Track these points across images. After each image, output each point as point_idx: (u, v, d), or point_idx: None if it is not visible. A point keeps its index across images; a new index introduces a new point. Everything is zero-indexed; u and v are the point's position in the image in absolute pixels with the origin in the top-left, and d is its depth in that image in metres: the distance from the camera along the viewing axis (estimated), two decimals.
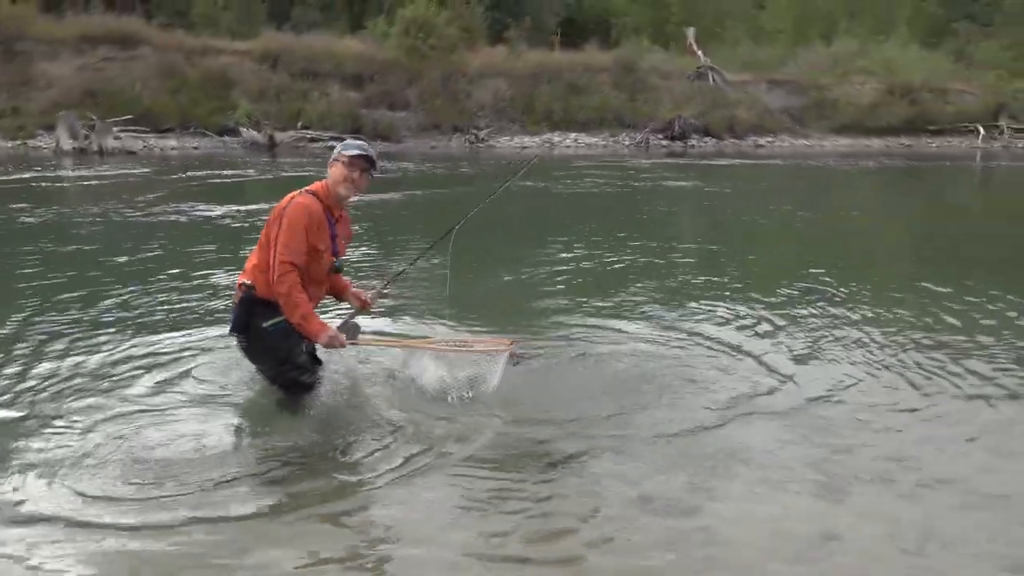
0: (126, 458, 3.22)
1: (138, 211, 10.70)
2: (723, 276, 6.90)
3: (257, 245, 3.72)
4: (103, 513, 2.80)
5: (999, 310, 5.64)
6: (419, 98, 27.13)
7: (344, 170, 3.64)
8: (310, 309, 3.57)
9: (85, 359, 4.39)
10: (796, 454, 3.32)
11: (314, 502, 2.92)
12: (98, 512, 2.81)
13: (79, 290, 6.10)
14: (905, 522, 2.81)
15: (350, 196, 3.75)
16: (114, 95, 23.93)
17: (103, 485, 3.00)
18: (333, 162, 3.69)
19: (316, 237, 3.59)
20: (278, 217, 3.58)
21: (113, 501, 2.89)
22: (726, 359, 4.52)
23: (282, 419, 3.64)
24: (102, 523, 2.74)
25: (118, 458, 3.22)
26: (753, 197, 14.04)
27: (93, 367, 4.28)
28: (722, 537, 2.70)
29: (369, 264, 7.22)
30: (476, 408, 3.73)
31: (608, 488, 3.02)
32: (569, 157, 23.17)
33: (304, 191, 3.67)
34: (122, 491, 2.96)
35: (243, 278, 3.68)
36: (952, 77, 31.36)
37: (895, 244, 9.66)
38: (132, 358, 4.42)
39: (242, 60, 26.59)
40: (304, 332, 3.59)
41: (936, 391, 4.04)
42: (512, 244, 8.76)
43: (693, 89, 29.95)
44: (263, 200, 11.76)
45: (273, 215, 3.63)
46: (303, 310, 3.50)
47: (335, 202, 3.73)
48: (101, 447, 3.31)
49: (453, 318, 5.20)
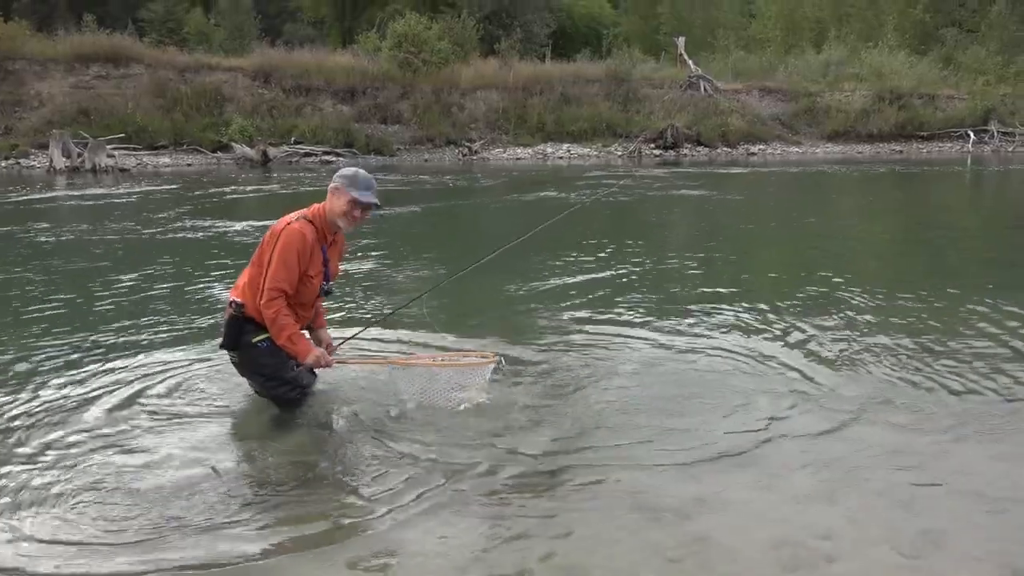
0: (118, 494, 3.05)
1: (135, 229, 10.70)
2: (729, 283, 6.92)
3: (249, 263, 3.74)
4: (102, 562, 2.64)
5: (994, 311, 5.67)
6: (412, 111, 27.21)
7: (347, 206, 3.68)
8: (296, 331, 3.64)
9: (75, 380, 4.38)
10: (793, 458, 3.34)
11: (317, 536, 2.79)
12: (96, 561, 2.65)
13: (73, 309, 6.09)
14: (903, 526, 2.82)
15: (347, 230, 3.81)
16: (107, 113, 23.97)
17: (98, 526, 2.83)
18: (336, 191, 3.68)
19: (308, 263, 3.65)
20: (272, 241, 3.61)
21: (111, 547, 2.72)
22: (729, 364, 4.54)
23: (274, 444, 3.59)
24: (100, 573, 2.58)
25: (108, 494, 3.05)
26: (752, 204, 14.09)
27: (78, 390, 4.23)
28: (720, 544, 2.71)
29: (367, 289, 7.21)
30: (474, 423, 3.73)
31: (609, 498, 3.03)
32: (563, 168, 23.23)
33: (300, 216, 3.69)
34: (118, 535, 2.78)
35: (234, 295, 3.72)
36: (941, 83, 31.61)
37: (892, 247, 9.71)
38: (120, 378, 4.41)
39: (235, 76, 26.65)
40: (290, 353, 3.65)
41: (933, 392, 4.06)
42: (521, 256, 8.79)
43: (685, 98, 30.10)
44: (256, 217, 11.78)
45: (267, 237, 3.67)
46: (289, 332, 3.58)
47: (331, 229, 3.76)
48: (89, 482, 3.12)
49: (448, 329, 5.20)
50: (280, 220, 3.72)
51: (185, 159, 23.84)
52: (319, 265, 3.73)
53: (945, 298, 6.21)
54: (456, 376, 3.88)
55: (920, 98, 30.52)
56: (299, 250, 3.59)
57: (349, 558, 2.66)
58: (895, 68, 30.93)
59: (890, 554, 2.66)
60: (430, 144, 26.92)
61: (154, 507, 2.96)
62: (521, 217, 12.30)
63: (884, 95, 29.95)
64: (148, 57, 25.95)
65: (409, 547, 2.73)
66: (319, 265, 3.73)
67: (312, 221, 3.69)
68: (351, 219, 3.74)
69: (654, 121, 28.68)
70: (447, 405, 3.83)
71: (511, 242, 4.45)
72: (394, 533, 2.82)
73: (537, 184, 17.13)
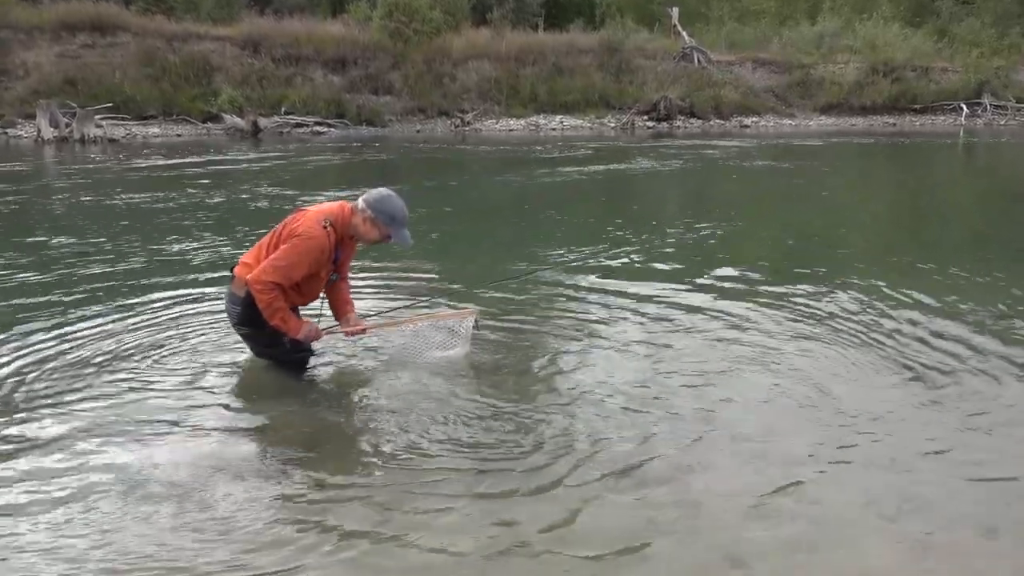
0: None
1: (127, 199, 10.65)
2: (715, 251, 6.97)
3: (262, 249, 3.77)
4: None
5: (982, 284, 5.75)
6: (403, 82, 26.96)
7: (379, 237, 3.78)
8: (287, 311, 3.74)
9: (70, 357, 4.41)
10: (776, 425, 3.41)
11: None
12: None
13: (70, 286, 6.10)
14: (883, 490, 2.90)
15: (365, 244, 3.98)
16: (94, 83, 23.65)
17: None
18: (373, 223, 3.71)
19: (319, 266, 3.75)
20: (290, 235, 3.68)
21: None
22: (712, 331, 4.60)
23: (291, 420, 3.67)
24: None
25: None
26: (754, 175, 14.10)
27: (77, 369, 4.28)
28: (704, 509, 2.78)
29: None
30: (457, 387, 3.83)
31: (594, 465, 3.10)
32: (556, 139, 23.14)
33: (325, 219, 3.70)
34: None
35: (245, 274, 3.73)
36: (935, 55, 31.49)
37: (881, 222, 9.77)
38: (129, 355, 4.44)
39: (223, 45, 26.29)
40: (284, 331, 3.75)
41: (916, 361, 4.14)
42: (509, 226, 8.82)
43: (678, 70, 29.92)
44: (252, 186, 11.73)
45: (287, 228, 3.73)
46: (281, 314, 3.70)
47: (348, 235, 3.82)
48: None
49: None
50: (306, 215, 3.76)
51: (174, 129, 23.62)
52: (329, 265, 3.83)
53: (933, 270, 6.28)
54: (436, 331, 4.10)
55: (914, 70, 30.41)
56: (316, 258, 3.69)
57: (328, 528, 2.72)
58: (889, 40, 30.78)
59: (870, 517, 2.73)
60: (422, 115, 26.73)
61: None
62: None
63: (878, 67, 29.84)
64: (135, 25, 25.53)
65: (398, 519, 2.79)
66: (329, 265, 3.83)
67: (335, 225, 3.73)
68: (372, 242, 3.90)
69: (647, 92, 28.52)
70: (432, 360, 4.03)
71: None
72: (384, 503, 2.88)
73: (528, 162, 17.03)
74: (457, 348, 4.10)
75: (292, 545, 2.56)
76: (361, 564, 2.48)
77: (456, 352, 4.10)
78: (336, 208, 3.78)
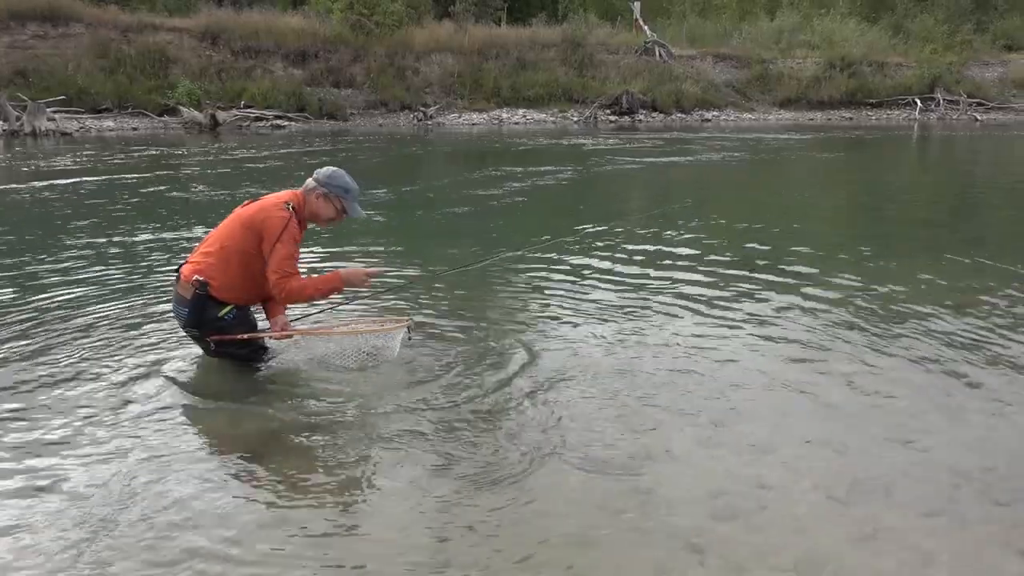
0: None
1: (78, 196, 10.40)
2: (675, 246, 7.03)
3: (213, 243, 3.70)
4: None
5: (942, 274, 5.88)
6: (365, 75, 26.74)
7: (334, 213, 3.82)
8: (314, 283, 3.76)
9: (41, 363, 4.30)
10: (733, 412, 3.45)
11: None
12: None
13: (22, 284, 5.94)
14: (836, 475, 2.95)
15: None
16: (46, 75, 23.08)
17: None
18: (326, 198, 3.75)
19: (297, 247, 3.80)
20: (250, 222, 3.64)
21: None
22: (670, 322, 4.64)
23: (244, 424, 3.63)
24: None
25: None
26: (712, 168, 14.24)
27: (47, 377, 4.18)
28: (659, 496, 2.80)
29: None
30: (399, 388, 3.80)
31: (554, 456, 3.10)
32: (519, 133, 23.13)
33: (287, 203, 3.70)
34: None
35: (194, 273, 3.65)
36: (890, 51, 32.13)
37: (832, 215, 9.94)
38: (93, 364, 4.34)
39: (181, 37, 25.81)
40: (329, 292, 3.82)
41: (870, 348, 4.22)
42: (462, 217, 8.79)
43: (640, 64, 30.12)
44: (210, 187, 11.53)
45: (244, 220, 3.67)
46: (314, 285, 3.74)
47: (306, 223, 3.85)
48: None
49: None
50: (263, 203, 3.72)
51: (130, 123, 23.13)
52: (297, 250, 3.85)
53: (888, 260, 6.41)
54: (366, 342, 3.87)
55: (870, 65, 31.00)
56: (298, 240, 3.72)
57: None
58: (846, 36, 31.35)
59: (823, 500, 2.78)
60: (384, 108, 26.55)
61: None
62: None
63: (835, 63, 30.38)
64: (88, 16, 24.92)
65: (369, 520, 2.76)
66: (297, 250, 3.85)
67: (296, 209, 3.72)
68: (329, 223, 3.91)
69: (610, 87, 28.69)
70: (358, 368, 3.87)
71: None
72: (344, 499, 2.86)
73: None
74: (385, 355, 3.88)
75: (244, 543, 2.53)
76: (306, 557, 2.45)
77: (384, 356, 3.88)
78: (288, 195, 3.78)
